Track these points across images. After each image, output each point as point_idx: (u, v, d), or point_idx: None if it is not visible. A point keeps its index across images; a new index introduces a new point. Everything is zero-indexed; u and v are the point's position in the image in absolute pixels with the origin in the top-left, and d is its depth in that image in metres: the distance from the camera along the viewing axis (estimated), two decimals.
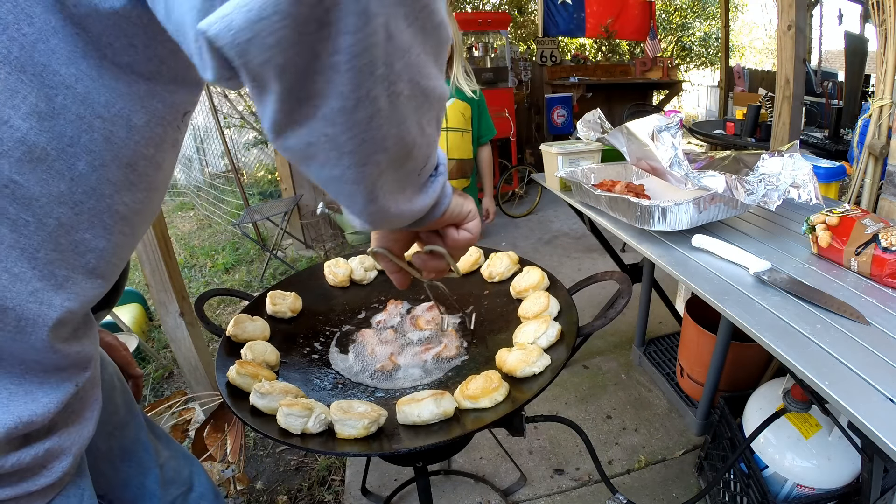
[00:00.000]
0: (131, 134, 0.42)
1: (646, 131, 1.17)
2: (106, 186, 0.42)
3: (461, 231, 0.55)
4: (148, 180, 0.46)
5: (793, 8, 1.84)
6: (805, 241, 1.08)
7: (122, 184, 0.44)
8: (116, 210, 0.44)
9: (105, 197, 0.43)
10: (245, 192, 3.99)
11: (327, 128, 0.30)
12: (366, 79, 0.28)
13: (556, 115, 4.52)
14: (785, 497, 1.22)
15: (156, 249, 1.60)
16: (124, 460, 0.74)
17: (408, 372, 0.85)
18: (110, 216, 0.44)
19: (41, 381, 0.44)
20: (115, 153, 0.42)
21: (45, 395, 0.44)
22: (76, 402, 0.48)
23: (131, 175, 0.44)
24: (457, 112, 1.91)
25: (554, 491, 1.54)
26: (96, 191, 0.42)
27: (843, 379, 0.67)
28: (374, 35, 0.26)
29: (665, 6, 8.15)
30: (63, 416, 0.47)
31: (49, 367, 0.44)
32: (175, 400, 1.58)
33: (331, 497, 1.59)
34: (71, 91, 0.37)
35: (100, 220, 0.43)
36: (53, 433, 0.46)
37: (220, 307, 3.05)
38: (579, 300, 0.90)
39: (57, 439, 0.46)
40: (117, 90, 0.40)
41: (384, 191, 0.37)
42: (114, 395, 0.74)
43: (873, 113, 1.70)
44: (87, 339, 0.49)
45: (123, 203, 0.45)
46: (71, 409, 0.48)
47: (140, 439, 0.77)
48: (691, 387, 1.78)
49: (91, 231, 0.43)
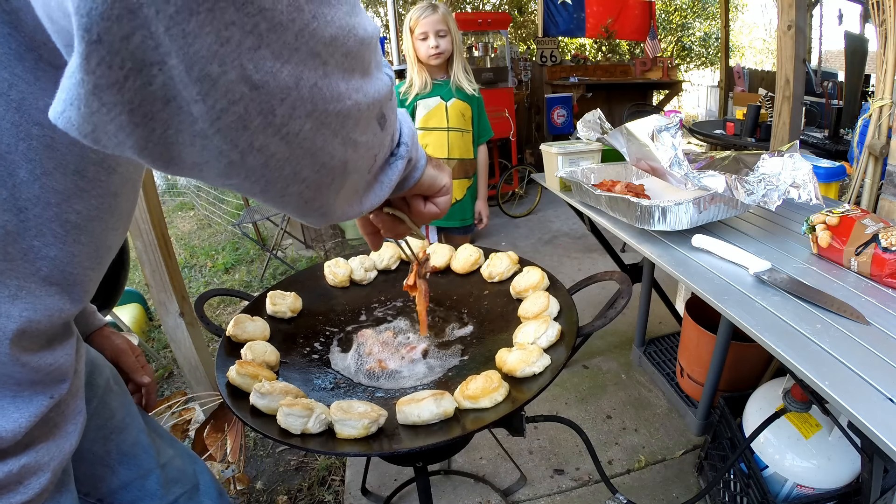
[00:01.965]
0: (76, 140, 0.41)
1: (646, 132, 1.17)
2: (51, 195, 0.40)
3: (428, 204, 0.52)
4: (101, 186, 0.43)
5: (793, 8, 1.84)
6: (805, 241, 1.08)
7: (70, 191, 0.41)
8: (67, 219, 0.42)
9: (52, 205, 0.40)
10: None
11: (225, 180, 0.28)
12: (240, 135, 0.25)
13: (556, 115, 4.52)
14: (785, 497, 1.22)
15: (156, 249, 1.60)
16: (123, 463, 0.73)
17: (409, 371, 0.85)
18: (60, 224, 0.42)
19: (14, 395, 0.42)
20: (59, 160, 0.39)
21: (16, 411, 0.42)
22: (56, 416, 0.46)
23: (80, 182, 0.42)
24: (457, 112, 1.91)
25: (554, 491, 1.54)
26: (41, 199, 0.40)
27: (843, 379, 0.67)
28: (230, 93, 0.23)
29: (665, 6, 8.15)
30: (41, 430, 0.45)
31: (21, 380, 0.43)
32: (175, 400, 1.58)
33: (331, 497, 1.59)
34: (4, 98, 0.35)
35: (48, 228, 0.41)
36: (30, 448, 0.44)
37: (220, 307, 3.05)
38: (579, 300, 0.90)
39: (34, 454, 0.44)
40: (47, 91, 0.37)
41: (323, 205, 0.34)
42: (109, 399, 0.73)
43: (873, 113, 1.70)
44: (63, 349, 0.47)
45: (74, 211, 0.42)
46: (51, 423, 0.46)
47: (139, 441, 0.76)
48: (691, 387, 1.78)
49: (40, 239, 0.41)
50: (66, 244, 0.43)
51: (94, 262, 0.47)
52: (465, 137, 1.94)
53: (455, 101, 1.89)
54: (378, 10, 6.16)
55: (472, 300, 1.02)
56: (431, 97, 1.88)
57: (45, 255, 0.42)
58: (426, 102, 1.88)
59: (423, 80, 1.85)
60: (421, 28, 1.77)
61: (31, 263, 0.41)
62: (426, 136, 1.92)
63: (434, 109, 1.89)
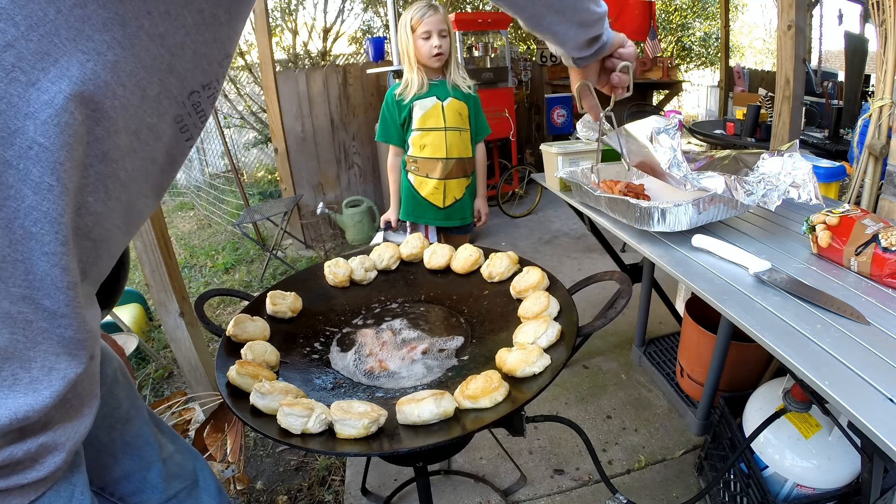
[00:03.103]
0: (143, 102, 0.44)
1: (644, 133, 1.17)
2: (115, 152, 0.44)
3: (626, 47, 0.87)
4: (148, 149, 0.48)
5: (793, 8, 1.84)
6: (805, 241, 1.08)
7: (127, 150, 0.45)
8: (118, 175, 0.46)
9: (112, 161, 0.44)
10: (245, 192, 3.99)
11: None
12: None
13: (556, 115, 4.52)
14: (785, 497, 1.22)
15: (156, 249, 1.60)
16: (126, 454, 0.74)
17: (409, 371, 0.85)
18: (113, 181, 0.45)
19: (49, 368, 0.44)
20: (127, 120, 0.43)
21: (47, 387, 0.44)
22: (73, 398, 0.48)
23: (135, 142, 0.46)
24: (454, 111, 1.91)
25: (554, 491, 1.54)
26: (107, 156, 0.43)
27: (843, 379, 0.67)
28: None
29: (665, 6, 8.14)
30: (58, 411, 0.47)
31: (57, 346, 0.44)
32: (175, 400, 1.58)
33: (331, 497, 1.59)
34: (101, 58, 0.39)
35: (103, 184, 0.44)
36: (49, 428, 0.46)
37: (220, 307, 3.05)
38: (579, 300, 0.90)
39: (52, 434, 0.46)
40: (143, 61, 0.42)
41: None
42: (116, 389, 0.74)
43: (873, 113, 1.70)
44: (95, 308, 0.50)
45: (125, 169, 0.46)
46: (68, 404, 0.48)
47: (143, 434, 0.77)
48: (691, 387, 1.78)
49: (93, 195, 0.44)
50: (109, 200, 0.46)
51: (124, 221, 0.50)
52: (462, 136, 1.94)
53: (452, 100, 1.89)
54: (378, 11, 6.15)
55: (472, 300, 1.02)
56: (428, 97, 1.87)
57: (93, 210, 0.45)
58: (423, 103, 1.88)
59: (421, 80, 1.84)
60: (424, 27, 1.76)
61: (81, 219, 0.44)
62: (424, 136, 1.91)
63: (431, 109, 1.88)
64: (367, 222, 3.83)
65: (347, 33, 6.24)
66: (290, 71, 3.96)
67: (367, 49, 4.30)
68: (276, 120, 3.66)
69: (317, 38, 5.87)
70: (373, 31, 6.30)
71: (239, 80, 5.75)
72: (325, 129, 3.87)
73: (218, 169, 6.12)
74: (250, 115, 5.81)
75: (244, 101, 5.80)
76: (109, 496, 0.73)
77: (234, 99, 5.78)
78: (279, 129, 3.68)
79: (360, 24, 6.30)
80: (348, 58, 6.11)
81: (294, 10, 5.59)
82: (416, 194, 2.00)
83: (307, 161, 3.89)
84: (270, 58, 3.53)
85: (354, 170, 4.05)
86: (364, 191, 4.11)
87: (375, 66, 3.87)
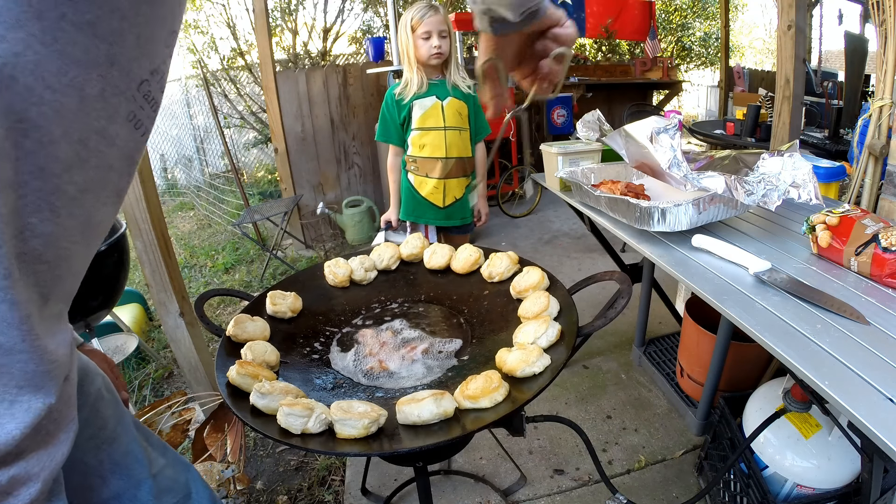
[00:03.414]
0: (83, 105, 0.38)
1: (644, 133, 1.17)
2: (55, 165, 0.38)
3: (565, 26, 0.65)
4: (100, 156, 0.43)
5: (793, 8, 1.84)
6: (805, 241, 1.08)
7: (71, 161, 0.40)
8: (65, 190, 0.40)
9: (53, 176, 0.39)
10: (245, 192, 4.00)
11: None
12: None
13: (556, 115, 4.52)
14: (785, 497, 1.22)
15: (156, 249, 1.60)
16: (115, 473, 0.71)
17: (409, 371, 0.85)
18: (58, 197, 0.40)
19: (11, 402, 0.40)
20: (66, 128, 0.38)
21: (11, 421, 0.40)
22: (48, 424, 0.44)
23: (82, 151, 0.40)
24: (454, 111, 1.91)
25: (554, 491, 1.54)
26: (45, 170, 0.38)
27: (843, 379, 0.67)
28: None
29: (665, 6, 8.14)
30: (32, 440, 0.42)
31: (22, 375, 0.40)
32: (175, 400, 1.58)
33: (331, 497, 1.59)
34: (19, 59, 0.34)
35: (46, 201, 0.39)
36: (21, 459, 0.42)
37: (220, 307, 3.05)
38: (579, 300, 0.90)
39: (24, 465, 0.42)
40: (72, 56, 0.36)
41: None
42: (101, 407, 0.71)
43: (873, 113, 1.70)
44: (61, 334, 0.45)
45: (73, 182, 0.41)
46: (43, 430, 0.44)
47: (131, 451, 0.74)
48: (691, 387, 1.78)
49: (37, 215, 0.39)
50: (58, 218, 0.41)
51: (83, 236, 0.45)
52: (462, 136, 1.94)
53: (451, 99, 1.89)
54: (378, 11, 6.15)
55: (472, 300, 1.02)
56: (427, 97, 1.88)
57: (41, 232, 0.40)
58: (422, 102, 1.88)
59: (420, 80, 1.85)
60: (424, 28, 1.76)
61: (25, 243, 0.39)
62: (424, 135, 1.91)
63: (430, 109, 1.88)
64: (367, 222, 3.83)
65: (347, 33, 6.24)
66: (290, 71, 3.96)
67: (367, 49, 4.30)
68: (276, 120, 3.66)
69: (317, 38, 5.87)
70: (373, 31, 6.30)
71: (239, 80, 5.76)
72: (325, 129, 3.87)
73: (218, 169, 6.12)
74: (250, 115, 5.81)
75: (244, 101, 5.81)
76: None
77: (234, 99, 5.78)
78: (279, 129, 3.68)
79: (360, 24, 6.30)
80: (348, 58, 6.11)
81: (294, 10, 5.59)
82: (415, 194, 2.00)
83: (307, 161, 3.89)
84: (270, 58, 3.53)
85: (354, 170, 4.05)
86: (364, 191, 4.11)
87: (375, 66, 3.87)
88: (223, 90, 5.71)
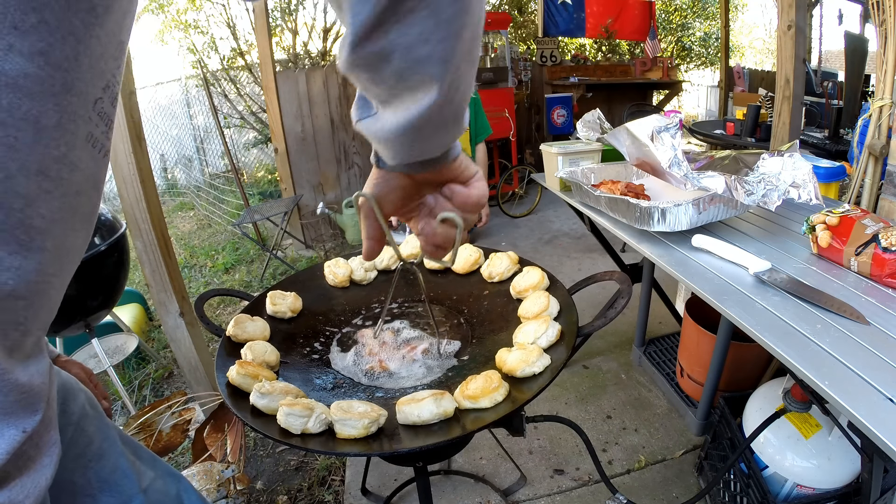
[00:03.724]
0: (39, 138, 0.37)
1: (645, 132, 1.17)
2: (14, 200, 0.37)
3: (470, 186, 0.52)
4: (65, 184, 0.41)
5: (793, 8, 1.84)
6: (805, 241, 1.08)
7: (34, 194, 0.38)
8: (31, 224, 0.39)
9: (15, 211, 0.37)
10: (245, 192, 4.00)
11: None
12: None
13: (556, 115, 4.52)
14: (785, 497, 1.22)
15: (156, 249, 1.60)
16: (104, 491, 0.70)
17: (409, 371, 0.85)
18: (24, 231, 0.38)
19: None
20: (22, 162, 0.36)
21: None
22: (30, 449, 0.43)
23: (44, 182, 0.39)
24: None
25: (554, 491, 1.54)
26: (3, 205, 0.36)
27: (843, 379, 0.67)
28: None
29: (665, 6, 8.14)
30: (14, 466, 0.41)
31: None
32: (175, 400, 1.58)
33: (331, 497, 1.59)
34: None
35: (12, 235, 0.38)
36: (4, 486, 0.41)
37: (220, 307, 3.05)
38: (579, 300, 0.90)
39: (8, 493, 0.41)
40: (24, 89, 0.34)
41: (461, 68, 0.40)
42: (85, 424, 0.69)
43: (873, 113, 1.70)
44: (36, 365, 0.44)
45: (39, 215, 0.39)
46: (25, 456, 0.43)
47: (119, 467, 0.72)
48: (691, 387, 1.78)
49: (4, 248, 0.37)
50: (30, 251, 0.40)
51: (57, 267, 0.44)
52: (462, 137, 1.95)
53: None
54: None
55: (472, 300, 1.02)
56: None
57: (10, 265, 0.38)
58: None
59: None
60: None
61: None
62: None
63: None
64: None
65: None
66: (290, 71, 3.96)
67: None
68: (276, 120, 3.66)
69: (317, 38, 5.86)
70: None
71: (239, 80, 5.75)
72: (325, 129, 3.87)
73: (218, 169, 6.12)
74: (250, 115, 5.81)
75: (244, 101, 5.81)
76: None
77: (234, 99, 5.78)
78: (279, 129, 3.68)
79: None
80: None
81: (294, 10, 5.59)
82: None
83: (307, 161, 3.89)
84: (270, 58, 3.53)
85: (354, 170, 4.05)
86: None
87: None
88: (223, 90, 5.71)
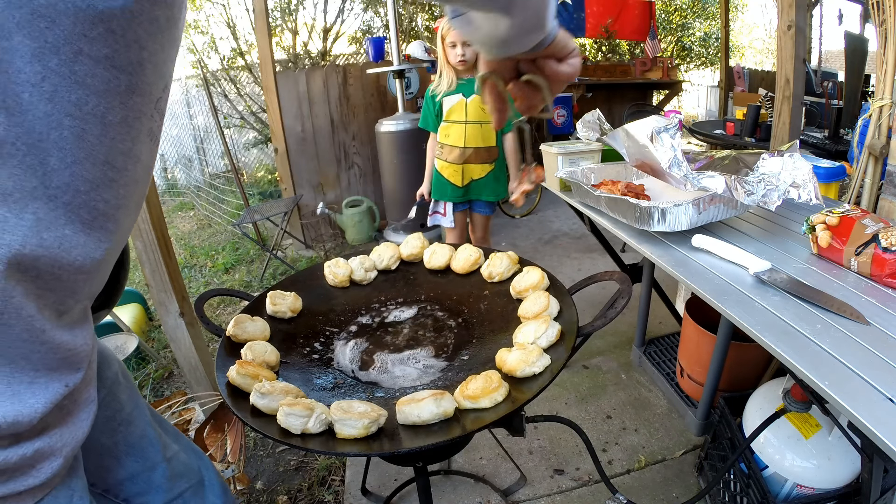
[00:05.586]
0: (106, 131, 0.41)
1: (645, 133, 1.17)
2: (81, 183, 0.42)
3: (563, 64, 0.58)
4: (128, 175, 0.46)
5: (793, 8, 1.84)
6: (805, 241, 1.08)
7: (99, 181, 0.43)
8: (95, 206, 0.44)
9: (81, 193, 0.42)
10: (245, 192, 4.00)
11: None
12: None
13: (556, 115, 4.52)
14: (785, 497, 1.22)
15: (156, 249, 1.60)
16: (130, 455, 0.74)
17: (410, 371, 0.85)
18: (88, 212, 0.43)
19: (30, 381, 0.43)
20: (89, 150, 0.41)
21: (32, 396, 0.43)
22: (69, 404, 0.48)
23: (109, 171, 0.44)
24: (477, 107, 2.15)
25: (554, 491, 1.54)
26: (70, 187, 0.41)
27: (843, 379, 0.67)
28: None
29: (665, 6, 8.14)
30: (54, 417, 0.46)
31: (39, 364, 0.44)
32: (175, 400, 1.59)
33: (331, 497, 1.59)
34: (37, 89, 0.36)
35: (77, 215, 0.43)
36: (44, 433, 0.45)
37: (220, 307, 3.05)
38: (579, 300, 0.90)
39: (48, 440, 0.46)
40: (92, 87, 0.39)
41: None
42: (118, 391, 0.74)
43: (873, 113, 1.70)
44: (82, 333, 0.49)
45: (103, 199, 0.44)
46: (64, 410, 0.47)
47: (146, 435, 0.76)
48: (691, 387, 1.78)
49: (70, 227, 0.42)
50: (92, 230, 0.44)
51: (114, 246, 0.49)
52: (484, 128, 2.19)
53: (476, 97, 2.14)
54: (378, 11, 6.15)
55: (472, 300, 1.02)
56: (455, 94, 2.18)
57: (76, 242, 0.43)
58: (450, 99, 2.19)
59: (450, 79, 2.16)
60: (451, 38, 2.06)
61: (68, 253, 0.43)
62: (449, 127, 2.22)
63: (456, 105, 2.19)
64: (367, 222, 3.83)
65: (347, 33, 6.23)
66: (290, 71, 3.96)
67: (367, 49, 4.29)
68: (276, 120, 3.66)
69: (317, 38, 5.86)
70: (373, 31, 6.29)
71: (239, 80, 5.75)
72: (325, 129, 3.87)
73: (218, 169, 6.12)
74: (250, 115, 5.81)
75: (244, 101, 5.81)
76: (114, 498, 0.73)
77: (234, 99, 5.78)
78: (279, 129, 3.68)
79: (360, 24, 6.30)
80: (348, 58, 6.10)
81: (294, 10, 5.59)
82: (440, 175, 2.31)
83: (307, 161, 3.89)
84: (270, 58, 3.53)
85: (354, 170, 4.05)
86: (364, 191, 4.11)
87: (375, 66, 3.87)
88: (223, 90, 5.71)
